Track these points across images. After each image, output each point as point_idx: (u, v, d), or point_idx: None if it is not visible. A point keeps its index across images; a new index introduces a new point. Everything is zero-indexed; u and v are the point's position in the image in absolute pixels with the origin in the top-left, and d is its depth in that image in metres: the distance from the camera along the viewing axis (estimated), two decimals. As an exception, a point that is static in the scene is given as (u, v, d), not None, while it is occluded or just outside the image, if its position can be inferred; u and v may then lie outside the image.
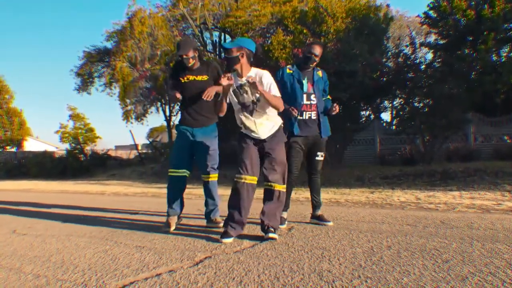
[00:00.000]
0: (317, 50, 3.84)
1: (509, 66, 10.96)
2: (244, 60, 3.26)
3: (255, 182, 3.30)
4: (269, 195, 3.30)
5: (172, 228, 3.79)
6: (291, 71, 3.89)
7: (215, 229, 3.79)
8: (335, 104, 3.89)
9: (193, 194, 7.30)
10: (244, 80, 3.26)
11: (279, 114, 3.46)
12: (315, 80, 3.89)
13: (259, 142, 3.32)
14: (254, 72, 3.32)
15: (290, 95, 3.80)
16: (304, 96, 3.83)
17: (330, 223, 3.88)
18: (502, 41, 11.65)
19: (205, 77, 3.82)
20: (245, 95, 3.25)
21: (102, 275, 2.43)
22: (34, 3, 78.47)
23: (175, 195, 3.92)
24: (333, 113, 3.86)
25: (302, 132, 3.83)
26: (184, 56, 3.72)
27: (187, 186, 4.04)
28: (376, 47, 11.45)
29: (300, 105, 3.82)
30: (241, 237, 3.35)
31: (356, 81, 10.20)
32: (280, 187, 3.28)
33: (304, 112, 3.83)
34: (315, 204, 4.03)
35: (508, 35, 11.75)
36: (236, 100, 3.33)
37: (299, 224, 3.96)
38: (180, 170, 3.87)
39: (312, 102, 3.85)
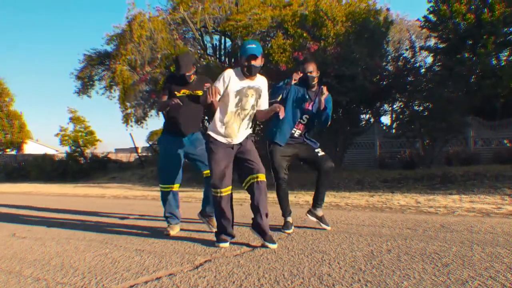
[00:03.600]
0: (311, 67, 3.81)
1: (508, 70, 10.97)
2: None
3: (230, 192, 3.28)
4: (257, 191, 3.18)
5: (173, 232, 3.83)
6: (297, 86, 3.85)
7: (214, 231, 3.79)
8: (322, 86, 3.74)
9: (193, 198, 7.29)
10: (252, 83, 3.23)
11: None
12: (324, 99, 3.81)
13: (231, 146, 3.29)
14: (261, 80, 3.31)
15: (289, 110, 3.77)
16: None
17: (328, 228, 3.86)
18: (502, 45, 11.66)
19: (200, 92, 3.80)
20: (249, 98, 3.22)
21: (102, 278, 2.43)
22: (34, 5, 78.66)
23: (170, 208, 3.93)
24: (323, 96, 3.70)
25: (284, 141, 3.82)
26: (187, 74, 3.73)
27: (187, 189, 4.05)
28: (376, 51, 11.47)
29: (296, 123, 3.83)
30: (240, 240, 3.35)
31: (356, 85, 10.22)
32: (264, 177, 3.23)
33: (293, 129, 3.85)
34: (318, 201, 3.88)
35: (508, 39, 11.77)
36: (236, 101, 3.23)
37: (299, 228, 3.96)
38: (167, 186, 3.90)
39: (302, 121, 3.85)
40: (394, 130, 13.67)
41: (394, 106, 13.31)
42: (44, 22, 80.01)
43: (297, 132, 3.86)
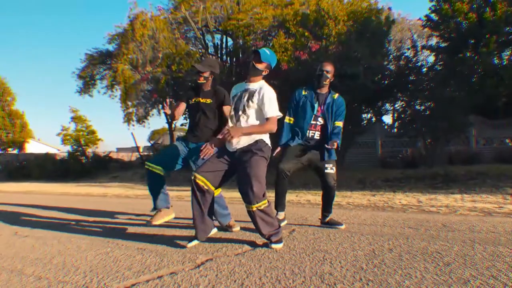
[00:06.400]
0: (328, 67, 3.84)
1: (511, 69, 10.96)
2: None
3: (206, 185, 3.07)
4: (251, 217, 3.05)
5: (156, 222, 3.73)
6: (306, 93, 3.89)
7: (217, 234, 3.79)
8: (334, 141, 3.64)
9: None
10: (249, 86, 3.21)
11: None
12: (327, 102, 3.84)
13: (231, 155, 3.17)
14: (260, 85, 3.21)
15: (300, 115, 3.85)
16: (313, 117, 3.84)
17: (342, 226, 3.84)
18: (504, 44, 11.65)
19: (208, 100, 3.86)
20: (242, 100, 3.18)
21: (103, 277, 2.43)
22: (36, 5, 78.77)
23: (153, 189, 3.85)
24: (330, 147, 3.63)
25: (293, 142, 3.84)
26: (200, 73, 3.77)
27: (186, 188, 4.03)
28: (377, 50, 11.45)
29: (308, 125, 3.83)
30: (242, 240, 3.35)
31: (358, 84, 10.20)
32: (255, 207, 2.95)
33: (309, 131, 3.84)
34: (325, 212, 3.97)
35: (510, 38, 11.75)
36: (233, 105, 3.24)
37: (300, 226, 3.96)
38: (153, 165, 3.77)
39: (318, 123, 3.85)
40: (395, 129, 13.68)
41: (396, 105, 13.30)
42: (46, 22, 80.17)
43: (312, 134, 3.83)
